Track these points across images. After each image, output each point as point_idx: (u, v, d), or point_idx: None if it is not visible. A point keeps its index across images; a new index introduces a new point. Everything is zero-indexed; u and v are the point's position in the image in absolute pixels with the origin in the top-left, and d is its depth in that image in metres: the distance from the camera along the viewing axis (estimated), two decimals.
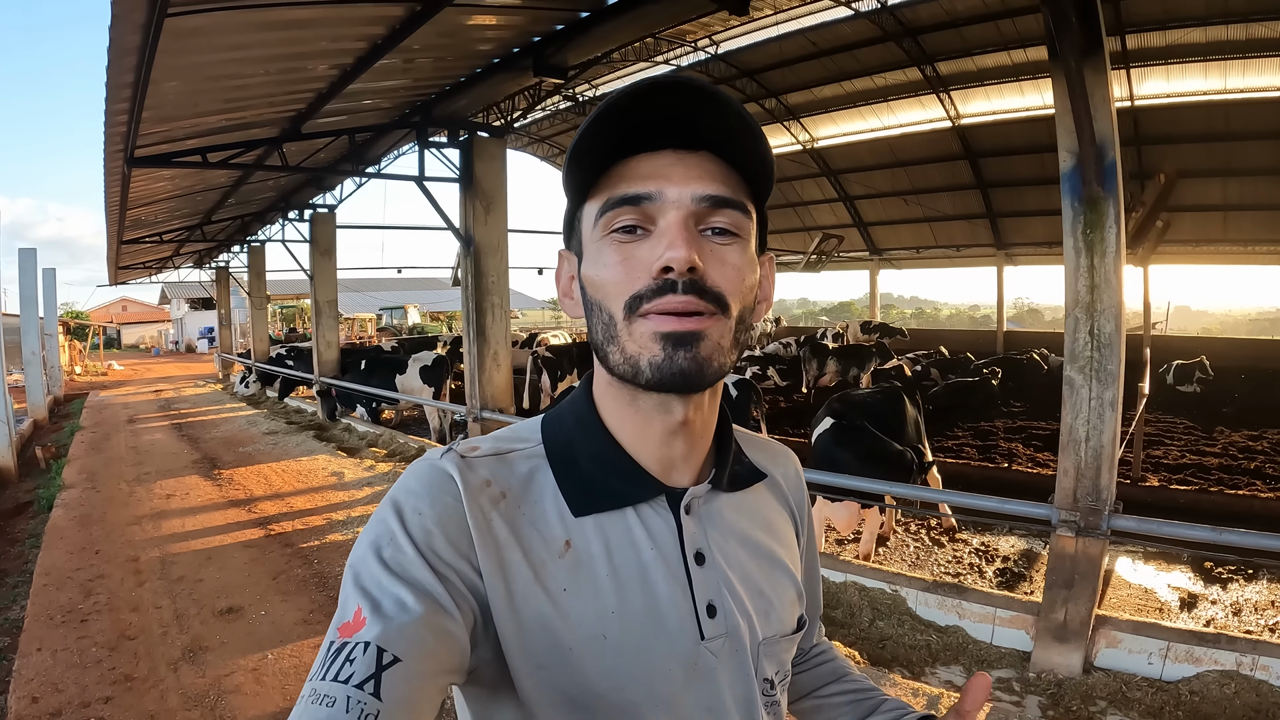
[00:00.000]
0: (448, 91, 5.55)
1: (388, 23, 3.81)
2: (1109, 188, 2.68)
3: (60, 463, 7.75)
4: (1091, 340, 2.74)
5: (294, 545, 4.80)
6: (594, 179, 0.56)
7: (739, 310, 0.55)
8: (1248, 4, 10.35)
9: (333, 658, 0.46)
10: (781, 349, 14.97)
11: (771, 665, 0.64)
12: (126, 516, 5.64)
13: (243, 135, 5.76)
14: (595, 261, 0.55)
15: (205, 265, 17.82)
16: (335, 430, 9.44)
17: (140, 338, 37.35)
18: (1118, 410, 2.75)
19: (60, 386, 14.72)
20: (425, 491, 0.54)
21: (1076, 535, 2.83)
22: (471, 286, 6.22)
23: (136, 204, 8.00)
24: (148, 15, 2.72)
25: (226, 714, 2.80)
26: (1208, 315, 43.60)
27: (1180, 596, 4.45)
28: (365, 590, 0.49)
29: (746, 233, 0.56)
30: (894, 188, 16.94)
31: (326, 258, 10.58)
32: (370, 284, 29.41)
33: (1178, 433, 8.79)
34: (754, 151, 0.56)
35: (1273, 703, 2.78)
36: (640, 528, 0.58)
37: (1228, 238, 14.16)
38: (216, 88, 4.49)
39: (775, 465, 0.73)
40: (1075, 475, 2.82)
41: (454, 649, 0.49)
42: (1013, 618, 3.20)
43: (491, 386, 6.30)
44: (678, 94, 0.52)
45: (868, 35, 12.31)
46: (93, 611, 3.78)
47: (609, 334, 0.55)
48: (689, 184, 0.54)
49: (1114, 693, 2.92)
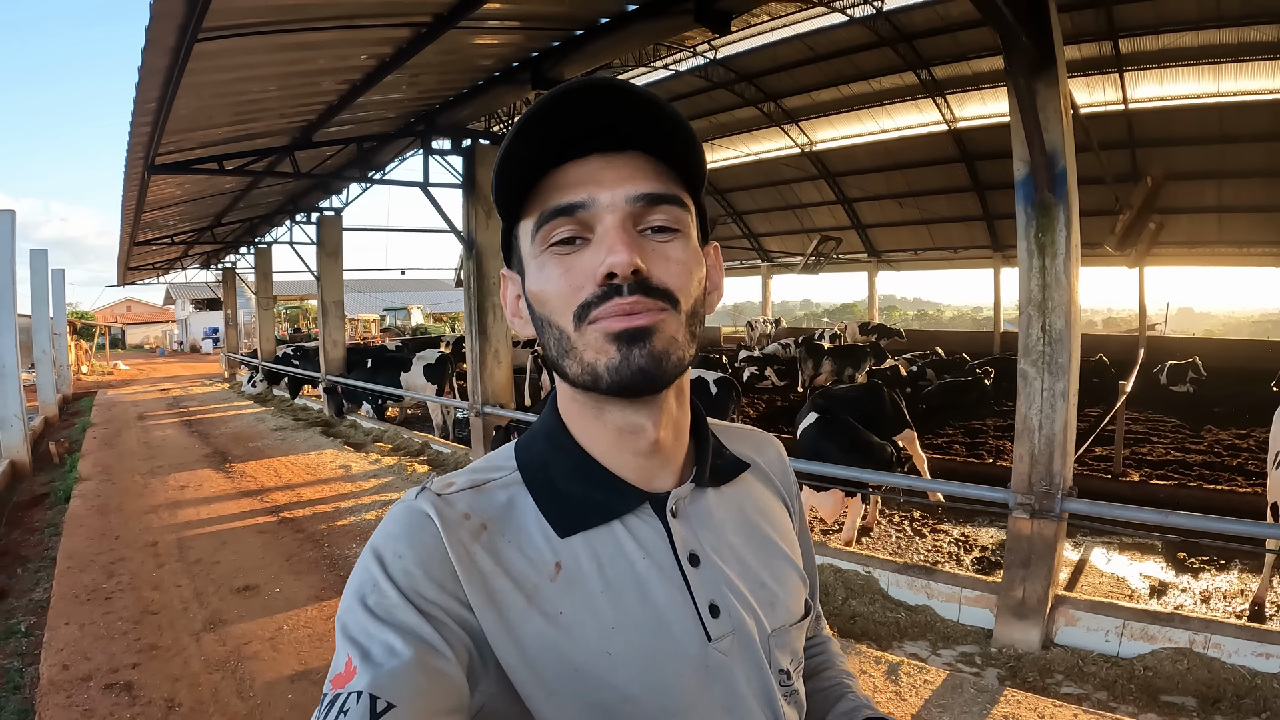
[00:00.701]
0: (451, 102, 5.80)
1: (395, 43, 4.08)
2: (1060, 194, 2.89)
3: (74, 457, 8.01)
4: (1044, 336, 2.94)
5: (305, 530, 5.05)
6: (524, 194, 0.56)
7: (690, 304, 0.55)
8: (1239, 8, 10.50)
9: (326, 709, 0.45)
10: (781, 350, 15.19)
11: (785, 655, 0.63)
12: (143, 505, 5.89)
13: (256, 144, 6.03)
14: (538, 277, 0.55)
15: (213, 266, 18.12)
16: (341, 426, 9.69)
17: (145, 338, 37.72)
18: (1069, 401, 2.96)
19: (69, 385, 15.03)
20: (404, 534, 0.53)
21: (1031, 517, 3.04)
22: (474, 288, 6.46)
23: (151, 208, 8.27)
24: (178, 39, 2.97)
25: (246, 677, 3.04)
26: (1211, 317, 43.71)
27: (1151, 584, 4.64)
28: (354, 640, 0.48)
29: (686, 226, 0.56)
30: (892, 190, 17.12)
31: (333, 259, 10.85)
32: (374, 285, 29.71)
33: (1165, 431, 8.95)
34: (681, 143, 0.55)
35: (1223, 678, 2.93)
36: (629, 539, 0.57)
37: (1223, 239, 14.30)
38: (233, 102, 4.75)
39: (758, 452, 0.72)
40: (1030, 461, 3.03)
41: (449, 689, 0.48)
42: (977, 597, 3.41)
43: (493, 383, 6.54)
44: (594, 97, 0.52)
45: (864, 40, 12.50)
46: (116, 590, 4.03)
47: (562, 348, 0.54)
48: (620, 185, 0.53)
49: (1071, 667, 3.11)
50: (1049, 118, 2.89)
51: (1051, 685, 2.98)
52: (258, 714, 2.77)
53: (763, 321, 21.37)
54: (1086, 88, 12.55)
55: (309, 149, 6.32)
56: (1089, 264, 17.04)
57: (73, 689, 2.95)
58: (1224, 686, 2.92)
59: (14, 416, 7.33)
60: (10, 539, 5.22)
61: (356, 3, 3.44)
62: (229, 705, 2.84)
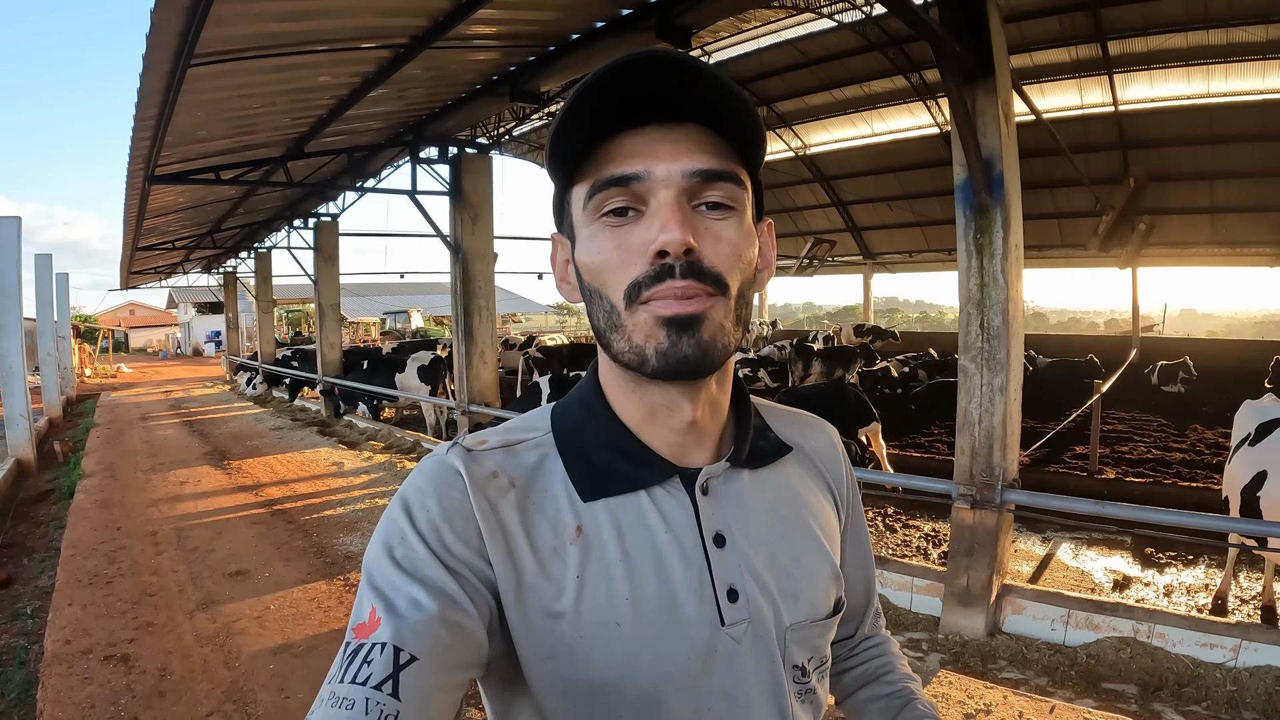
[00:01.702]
0: (437, 113, 6.01)
1: (377, 62, 4.33)
2: (996, 197, 3.03)
3: (78, 455, 8.23)
4: (982, 333, 3.08)
5: (296, 521, 5.28)
6: (579, 161, 0.55)
7: (739, 286, 0.54)
8: (1227, 9, 10.57)
9: (350, 659, 0.46)
10: (776, 352, 15.33)
11: (803, 652, 0.61)
12: (144, 500, 6.11)
13: (251, 155, 6.24)
14: (589, 247, 0.55)
15: (214, 270, 18.36)
16: (337, 426, 9.88)
17: (148, 341, 37.97)
18: (1007, 395, 3.09)
19: (73, 387, 15.27)
20: (431, 488, 0.54)
21: (973, 507, 3.17)
22: (460, 291, 6.64)
23: (152, 214, 8.49)
24: (173, 65, 3.20)
25: (234, 650, 3.29)
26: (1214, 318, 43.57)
27: (1115, 578, 4.75)
28: (379, 590, 0.49)
29: (742, 204, 0.55)
30: (885, 193, 17.23)
31: (330, 264, 11.05)
32: (374, 289, 30.00)
33: (1150, 430, 9.04)
34: (741, 118, 0.54)
35: (1166, 667, 3.02)
36: (654, 510, 0.57)
37: (1216, 240, 14.34)
38: (228, 117, 4.98)
39: (806, 438, 0.70)
40: (971, 454, 3.16)
41: (471, 644, 0.49)
42: (927, 585, 3.54)
43: (479, 382, 6.71)
44: (656, 67, 0.51)
45: (854, 45, 12.64)
46: (116, 575, 4.27)
47: (611, 322, 0.54)
48: (678, 159, 0.52)
49: (1015, 654, 3.21)
50: (986, 124, 3.04)
51: (993, 670, 3.09)
52: (242, 681, 3.02)
53: (759, 324, 21.50)
54: (1077, 90, 12.65)
55: (302, 159, 6.52)
56: (1081, 265, 17.06)
57: (74, 660, 3.20)
58: (1166, 675, 3.00)
59: (20, 416, 7.53)
60: (16, 532, 5.43)
61: (338, 28, 3.65)
62: (216, 674, 3.09)
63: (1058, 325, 39.70)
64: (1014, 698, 2.70)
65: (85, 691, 2.95)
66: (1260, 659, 2.92)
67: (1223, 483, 4.08)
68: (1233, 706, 2.80)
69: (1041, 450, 7.58)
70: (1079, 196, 13.29)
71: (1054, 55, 11.76)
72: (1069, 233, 15.45)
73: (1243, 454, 3.81)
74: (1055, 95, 12.77)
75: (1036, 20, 10.87)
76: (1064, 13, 10.66)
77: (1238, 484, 3.64)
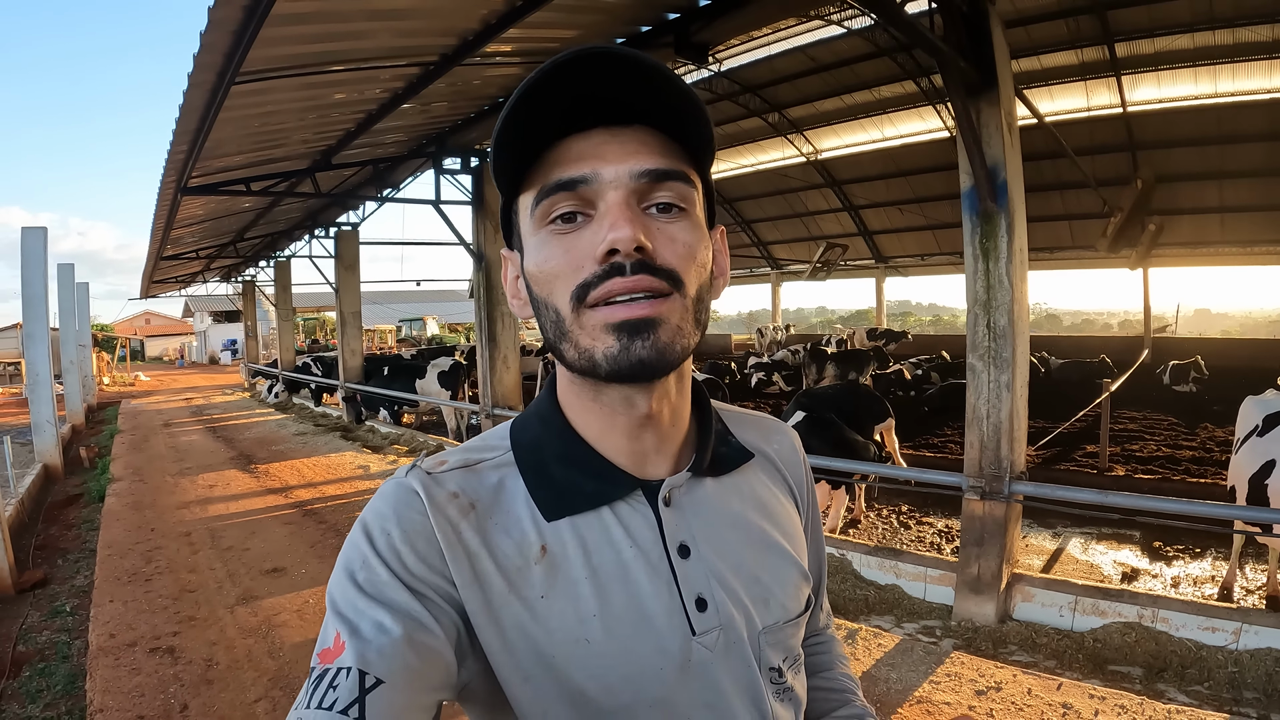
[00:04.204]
0: (459, 125, 6.24)
1: (406, 79, 4.53)
2: (1001, 203, 3.18)
3: (104, 460, 8.47)
4: (989, 332, 3.23)
5: (327, 521, 5.47)
6: (524, 169, 0.53)
7: (695, 288, 0.53)
8: (1233, 10, 10.63)
9: (315, 684, 0.45)
10: (790, 356, 15.47)
11: (777, 653, 0.61)
12: (175, 502, 6.32)
13: (279, 166, 6.50)
14: (536, 256, 0.53)
15: (233, 279, 18.71)
16: (360, 431, 10.11)
17: (164, 350, 38.50)
18: (1014, 391, 3.23)
19: (94, 395, 15.62)
20: (392, 510, 0.53)
21: (982, 499, 3.31)
22: (483, 299, 6.85)
23: (179, 224, 8.78)
24: (217, 83, 3.41)
25: (277, 641, 3.44)
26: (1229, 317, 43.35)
27: (1124, 570, 4.85)
28: (343, 615, 0.48)
29: (692, 204, 0.54)
30: (897, 197, 17.33)
31: (351, 272, 11.31)
32: (390, 296, 30.33)
33: (1161, 429, 9.08)
34: (691, 118, 0.53)
35: (1170, 650, 3.15)
36: (617, 526, 0.56)
37: (1226, 239, 14.34)
38: (260, 130, 5.23)
39: (768, 442, 0.70)
40: (979, 447, 3.31)
41: (438, 666, 0.48)
42: (941, 575, 3.68)
43: (502, 386, 6.92)
44: (599, 67, 0.49)
45: (863, 51, 12.77)
46: (155, 573, 4.44)
47: (559, 330, 0.53)
48: (625, 160, 0.51)
49: (1025, 639, 3.35)
50: (990, 134, 3.19)
51: (1003, 654, 3.23)
52: (287, 669, 3.17)
53: (773, 328, 21.62)
54: (1086, 92, 12.72)
55: (328, 170, 6.77)
56: (1095, 267, 17.05)
57: (120, 653, 3.35)
58: (1170, 657, 3.13)
59: (47, 422, 7.78)
60: (49, 534, 5.63)
61: (373, 47, 3.86)
62: (261, 663, 3.24)
63: (1072, 327, 39.56)
64: (1023, 676, 2.83)
65: (134, 681, 3.08)
66: (1261, 641, 3.03)
67: (1228, 474, 4.19)
68: (1234, 686, 2.92)
69: (1053, 449, 7.68)
70: (1089, 198, 13.34)
71: (1062, 58, 11.85)
72: (1080, 234, 15.50)
73: (1250, 444, 3.91)
74: (1064, 98, 12.86)
75: (1045, 24, 10.97)
76: (1071, 16, 10.76)
77: (1245, 473, 3.74)
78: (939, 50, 2.85)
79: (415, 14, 3.54)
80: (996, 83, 3.24)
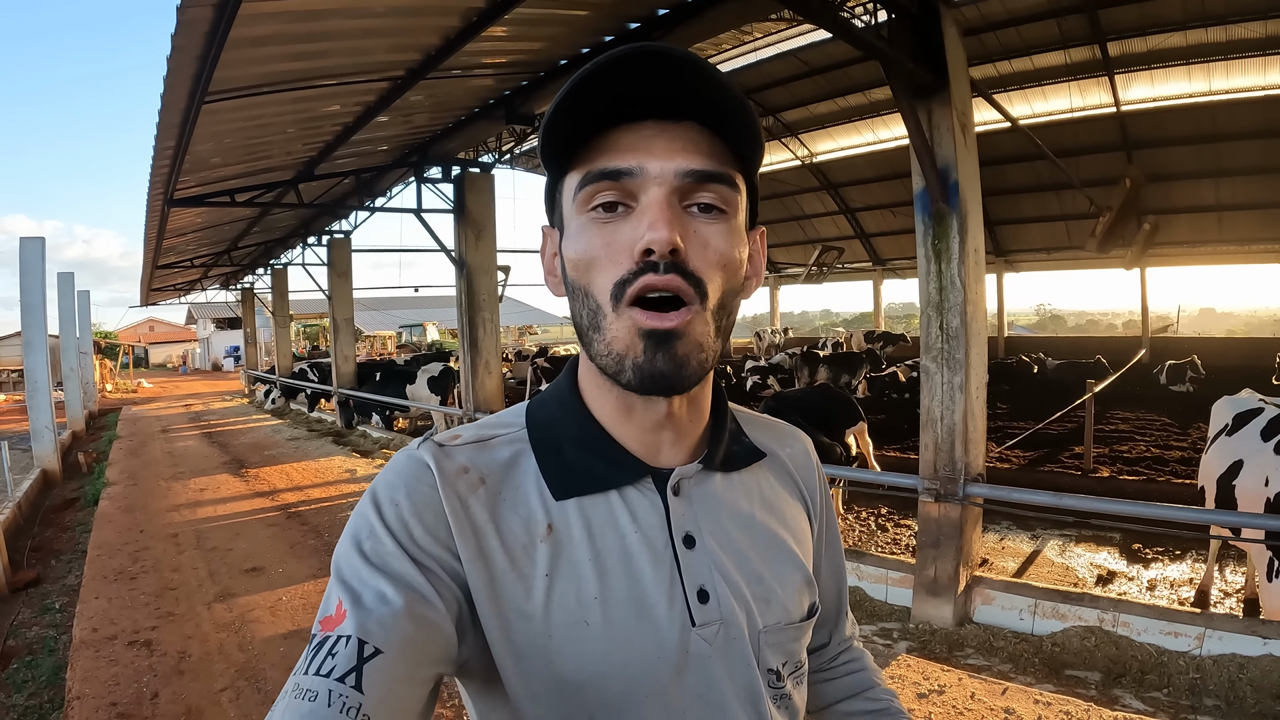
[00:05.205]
0: (439, 135, 6.34)
1: (377, 93, 4.68)
2: (953, 205, 3.19)
3: (102, 465, 8.58)
4: (942, 334, 3.24)
5: (310, 523, 5.60)
6: (572, 151, 0.54)
7: (720, 296, 0.54)
8: (1224, 7, 10.58)
9: (315, 651, 0.46)
10: (787, 359, 15.46)
11: (777, 656, 0.61)
12: (166, 505, 6.46)
13: (264, 178, 6.61)
14: (576, 241, 0.54)
15: (232, 286, 18.85)
16: (352, 436, 10.20)
17: (167, 357, 38.84)
18: (968, 393, 3.24)
19: (95, 402, 15.76)
20: (401, 482, 0.54)
21: (937, 501, 3.32)
22: (465, 304, 6.92)
23: (171, 234, 8.90)
24: (188, 103, 3.55)
25: (248, 635, 3.59)
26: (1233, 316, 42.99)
27: (1099, 573, 4.82)
28: (346, 583, 0.49)
29: (734, 207, 0.55)
30: (892, 199, 17.29)
31: (343, 279, 11.40)
32: (390, 303, 30.52)
33: (1153, 429, 9.03)
34: (740, 120, 0.54)
35: (1130, 655, 3.12)
36: (625, 510, 0.57)
37: (1223, 238, 14.25)
38: (241, 144, 5.36)
39: (781, 445, 0.70)
40: (934, 449, 3.31)
41: (438, 639, 0.48)
42: (901, 578, 3.68)
43: (484, 390, 6.98)
44: (657, 62, 0.50)
45: (855, 54, 12.76)
46: (140, 572, 4.60)
47: (594, 321, 0.53)
48: (672, 158, 0.52)
49: (982, 642, 3.32)
50: (942, 135, 3.21)
51: (958, 657, 3.21)
52: (254, 661, 3.32)
53: (771, 332, 21.61)
54: (1079, 92, 12.69)
55: (313, 180, 6.86)
56: (1097, 267, 16.96)
57: (100, 646, 3.51)
58: (1129, 662, 3.10)
59: (45, 429, 7.88)
60: (44, 536, 5.77)
61: (340, 65, 3.98)
62: (231, 656, 3.39)
63: (1076, 327, 39.33)
64: (969, 680, 2.83)
65: (111, 671, 3.25)
66: (1225, 647, 2.99)
67: (1199, 474, 4.15)
68: (1194, 693, 2.88)
69: (1040, 450, 7.66)
70: (1085, 199, 13.32)
71: (1054, 58, 11.82)
72: (1077, 235, 15.40)
73: (1220, 444, 3.87)
74: (1058, 98, 12.83)
75: (1036, 24, 10.95)
76: (1062, 15, 10.74)
77: (1213, 473, 3.71)
78: (882, 53, 2.88)
79: (376, 33, 3.66)
80: (949, 84, 3.26)
